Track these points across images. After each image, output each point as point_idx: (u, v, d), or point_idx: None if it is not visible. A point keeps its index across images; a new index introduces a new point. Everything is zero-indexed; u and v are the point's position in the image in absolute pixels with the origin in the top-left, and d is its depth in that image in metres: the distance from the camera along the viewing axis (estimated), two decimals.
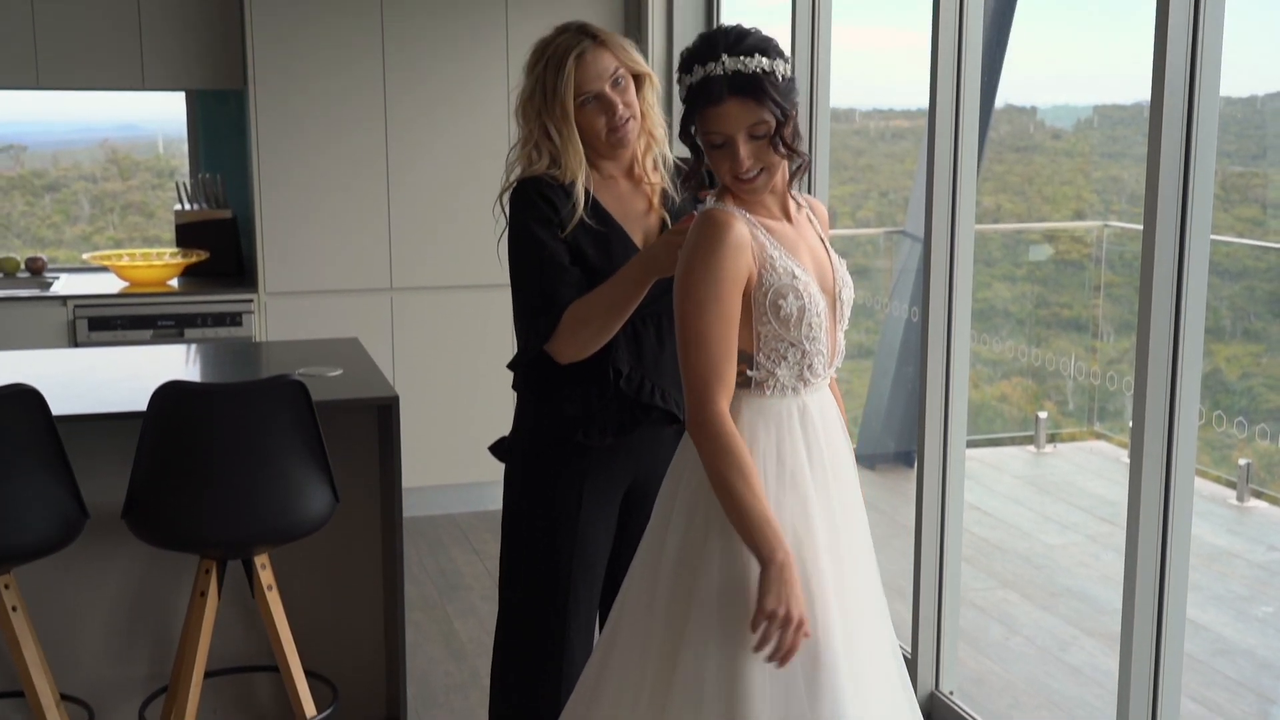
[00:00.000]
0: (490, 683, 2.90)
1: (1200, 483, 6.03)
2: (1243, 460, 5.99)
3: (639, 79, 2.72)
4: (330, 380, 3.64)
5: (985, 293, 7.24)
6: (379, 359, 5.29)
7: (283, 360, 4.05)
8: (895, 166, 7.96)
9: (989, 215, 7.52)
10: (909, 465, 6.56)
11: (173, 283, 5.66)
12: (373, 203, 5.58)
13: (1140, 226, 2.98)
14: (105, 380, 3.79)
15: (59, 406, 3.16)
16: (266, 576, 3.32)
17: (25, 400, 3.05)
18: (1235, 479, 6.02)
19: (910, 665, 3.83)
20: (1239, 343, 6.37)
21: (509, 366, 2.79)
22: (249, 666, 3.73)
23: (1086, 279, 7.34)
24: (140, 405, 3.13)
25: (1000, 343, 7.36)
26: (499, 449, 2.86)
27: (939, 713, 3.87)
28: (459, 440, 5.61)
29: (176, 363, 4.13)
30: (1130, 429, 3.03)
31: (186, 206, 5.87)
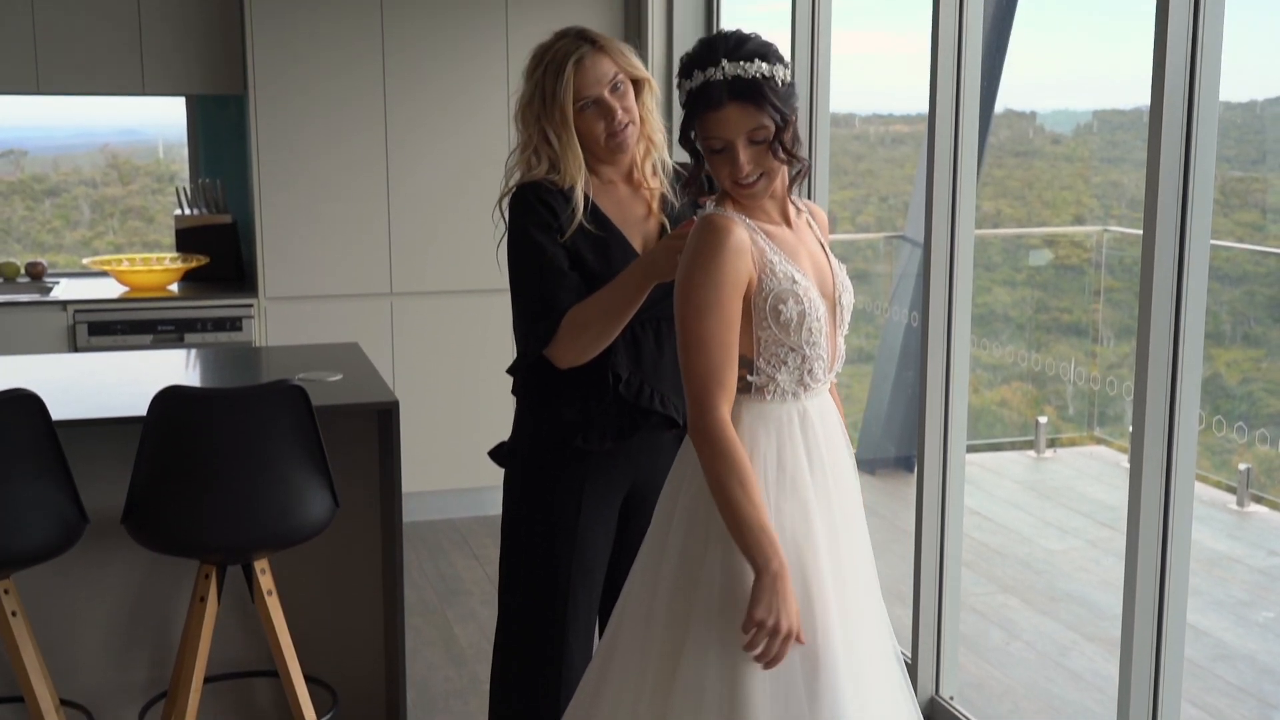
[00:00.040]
0: (490, 687, 2.90)
1: (1200, 488, 6.02)
2: (1243, 465, 5.99)
3: (638, 84, 2.72)
4: (330, 385, 3.64)
5: (985, 297, 7.24)
6: (379, 364, 5.28)
7: (283, 365, 4.04)
8: (895, 171, 7.97)
9: (989, 220, 7.52)
10: (909, 470, 6.56)
11: (173, 288, 5.66)
12: (373, 208, 5.59)
13: (1140, 231, 2.98)
14: (105, 385, 3.79)
15: (59, 411, 3.16)
16: (266, 581, 3.31)
17: (25, 405, 3.05)
18: (1235, 484, 6.02)
19: (910, 670, 3.83)
20: (1239, 347, 6.37)
21: (508, 371, 2.79)
22: (249, 672, 3.72)
23: (1086, 284, 7.34)
24: (140, 410, 3.13)
25: (1000, 347, 7.36)
26: (498, 454, 2.86)
27: (939, 718, 3.87)
28: (459, 445, 5.61)
29: (176, 368, 4.13)
30: (1130, 434, 3.03)
31: (187, 211, 5.87)
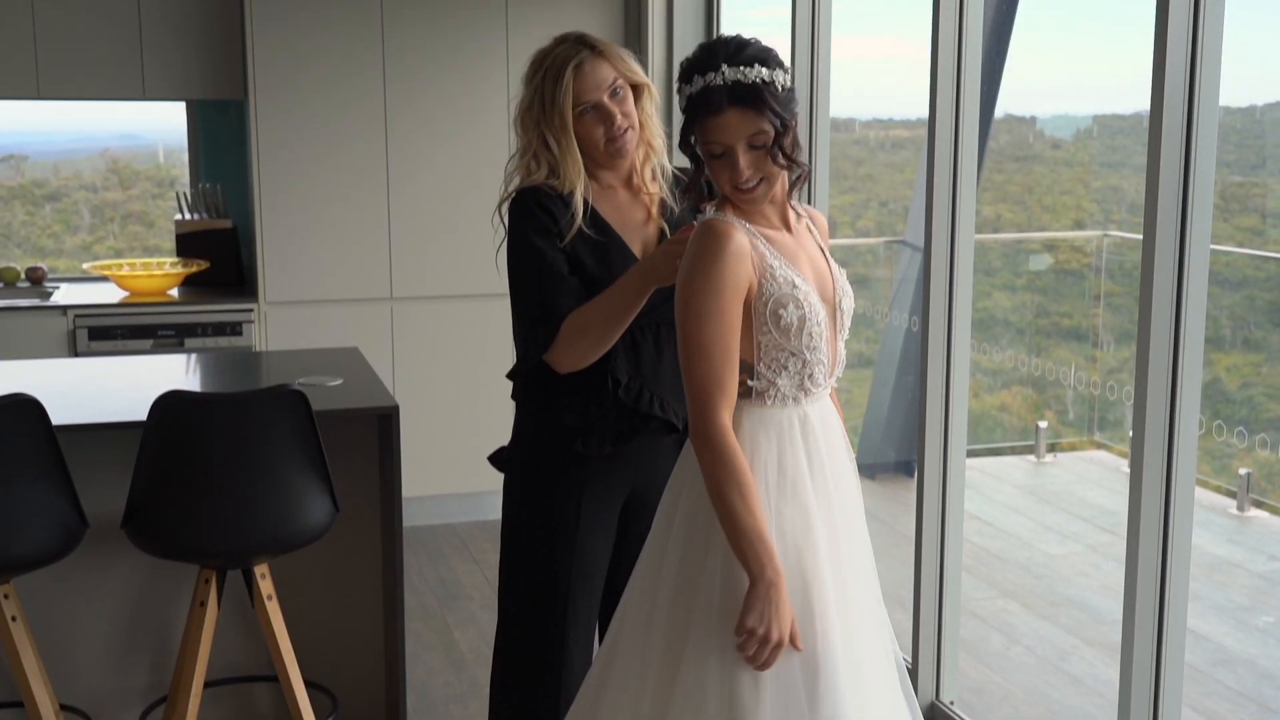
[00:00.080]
0: (490, 692, 2.90)
1: (1200, 492, 6.02)
2: (1243, 470, 5.99)
3: (637, 89, 2.72)
4: (330, 390, 3.64)
5: (985, 302, 7.24)
6: (379, 368, 5.29)
7: (283, 370, 4.05)
8: (895, 176, 7.97)
9: (989, 225, 7.52)
10: (909, 475, 6.56)
11: (173, 292, 5.67)
12: (373, 212, 5.59)
13: (1140, 236, 2.98)
14: (105, 390, 3.79)
15: (59, 416, 3.16)
16: (266, 586, 3.31)
17: (25, 410, 3.05)
18: (1235, 488, 6.02)
19: (911, 675, 3.82)
20: (1239, 352, 6.37)
21: (508, 376, 2.79)
22: (249, 676, 3.72)
23: (1086, 288, 7.34)
24: (140, 415, 3.13)
25: (1000, 352, 7.36)
26: (498, 459, 2.86)
27: None
28: (459, 450, 5.61)
29: (176, 372, 4.13)
30: (1130, 438, 3.03)
31: (187, 216, 5.87)
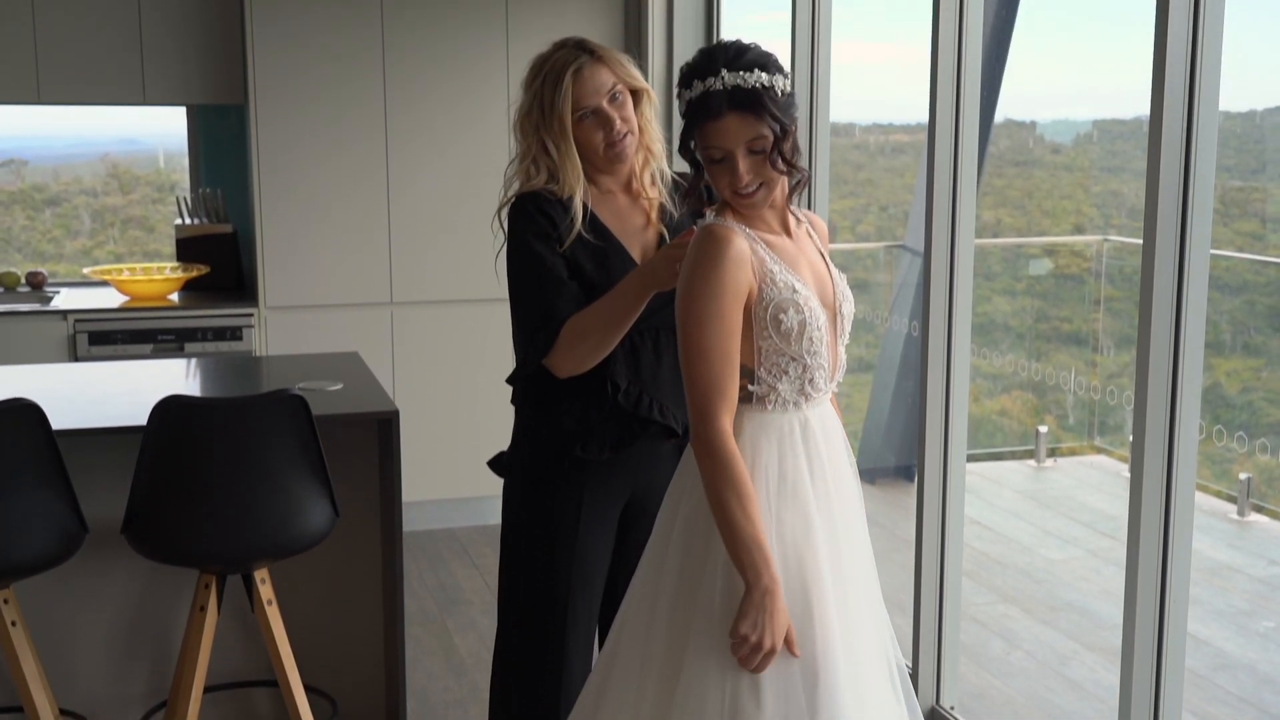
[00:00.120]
0: (489, 697, 2.90)
1: (1201, 497, 6.02)
2: (1243, 474, 5.99)
3: (637, 94, 2.72)
4: (330, 394, 3.64)
5: (985, 307, 7.24)
6: (379, 373, 5.29)
7: (283, 374, 4.05)
8: (895, 181, 7.97)
9: (989, 229, 7.52)
10: (909, 480, 6.56)
11: (173, 297, 5.67)
12: (373, 217, 5.59)
13: (1140, 241, 2.98)
14: (105, 395, 3.79)
15: (59, 421, 3.16)
16: (266, 591, 3.31)
17: (25, 415, 3.05)
18: (1236, 493, 6.01)
19: (911, 680, 3.82)
20: (1239, 357, 6.37)
21: (508, 381, 2.79)
22: (248, 681, 3.72)
23: (1086, 293, 7.35)
24: (140, 420, 3.13)
25: (1000, 357, 7.36)
26: (497, 464, 2.86)
27: None
28: (459, 454, 5.61)
29: (177, 377, 4.13)
30: (1131, 443, 3.03)
31: (187, 221, 5.87)
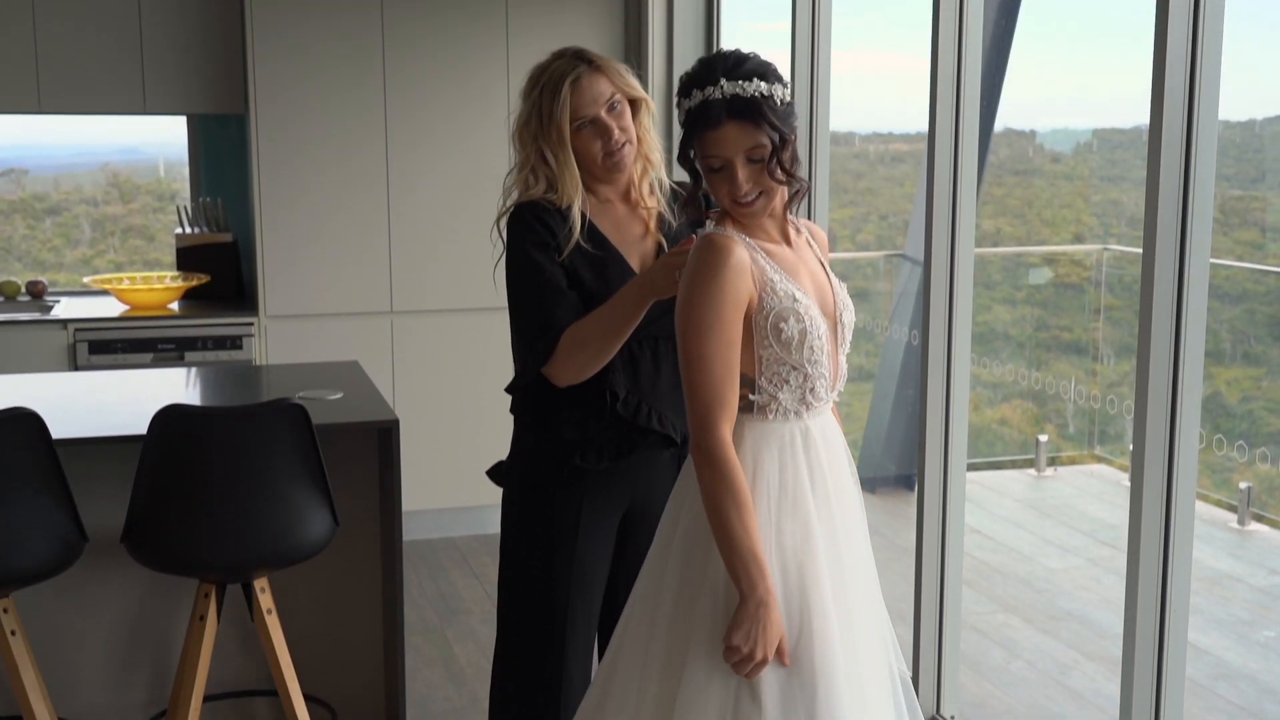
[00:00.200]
0: (489, 706, 2.90)
1: (1201, 506, 6.02)
2: (1243, 484, 5.99)
3: (635, 104, 2.72)
4: (330, 403, 3.64)
5: (985, 316, 7.24)
6: (379, 382, 5.28)
7: (283, 383, 4.04)
8: (895, 190, 7.98)
9: (989, 238, 7.53)
10: (909, 488, 6.55)
11: (173, 306, 5.67)
12: (373, 226, 5.59)
13: (1140, 250, 2.98)
14: (105, 404, 3.79)
15: (59, 430, 3.16)
16: (266, 600, 3.31)
17: (25, 424, 3.05)
18: (1236, 502, 6.01)
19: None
20: (1239, 366, 6.37)
21: (507, 390, 2.79)
22: (248, 691, 3.72)
23: (1086, 302, 7.35)
24: (140, 429, 3.13)
25: (1000, 366, 7.36)
26: (496, 473, 2.86)
27: None
28: (459, 463, 5.60)
29: (177, 386, 4.13)
30: (1131, 452, 3.03)
31: (187, 230, 5.87)
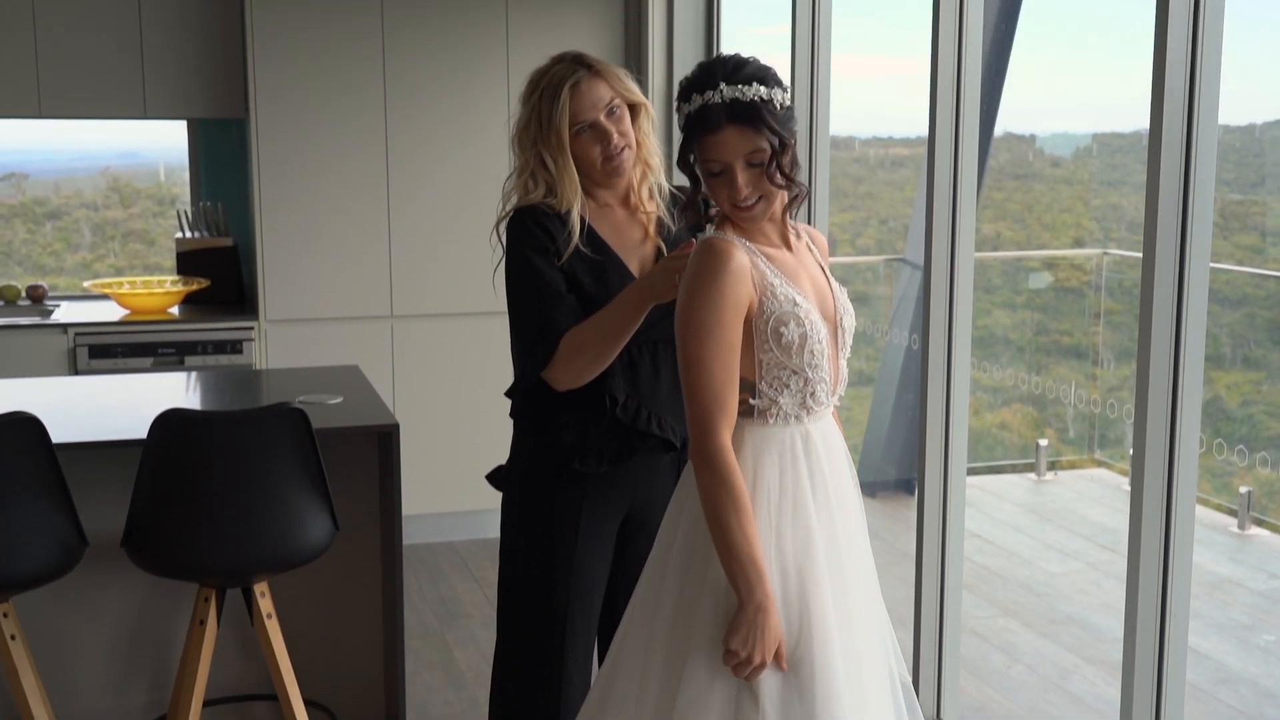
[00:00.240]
0: (489, 710, 2.89)
1: (1201, 510, 6.01)
2: (1244, 488, 5.98)
3: (634, 108, 2.73)
4: (330, 408, 3.64)
5: (985, 320, 7.24)
6: (379, 386, 5.29)
7: (283, 388, 4.05)
8: (895, 194, 7.98)
9: (989, 243, 7.53)
10: (910, 493, 6.55)
11: (173, 310, 5.67)
12: (373, 230, 5.60)
13: (1140, 254, 2.98)
14: (105, 408, 3.79)
15: (59, 434, 3.16)
16: (266, 604, 3.31)
17: (25, 428, 3.05)
18: (1236, 507, 6.01)
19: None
20: (1239, 370, 6.37)
21: (507, 394, 2.79)
22: (248, 695, 3.72)
23: (1086, 306, 7.35)
24: (140, 433, 3.13)
25: (1000, 370, 7.36)
26: (496, 477, 2.85)
27: None
28: (459, 468, 5.60)
29: (177, 390, 4.13)
30: (1131, 456, 3.03)
31: (187, 234, 5.88)
